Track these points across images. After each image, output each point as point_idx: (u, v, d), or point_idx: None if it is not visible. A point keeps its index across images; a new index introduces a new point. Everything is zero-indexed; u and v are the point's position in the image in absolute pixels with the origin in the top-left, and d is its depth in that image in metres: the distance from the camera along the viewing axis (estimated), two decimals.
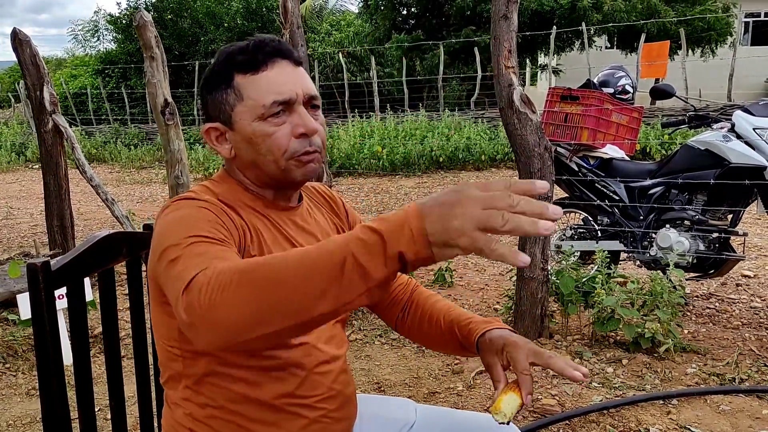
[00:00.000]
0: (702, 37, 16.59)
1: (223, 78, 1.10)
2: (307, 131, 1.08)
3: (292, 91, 1.08)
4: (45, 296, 1.06)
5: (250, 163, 1.11)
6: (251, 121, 1.07)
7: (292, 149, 1.08)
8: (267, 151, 1.08)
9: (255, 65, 1.08)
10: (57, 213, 4.73)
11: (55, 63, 30.26)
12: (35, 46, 4.63)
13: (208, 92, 1.13)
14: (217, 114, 1.12)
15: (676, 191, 3.58)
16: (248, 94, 1.08)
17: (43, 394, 1.09)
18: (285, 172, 1.10)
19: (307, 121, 1.09)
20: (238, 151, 1.11)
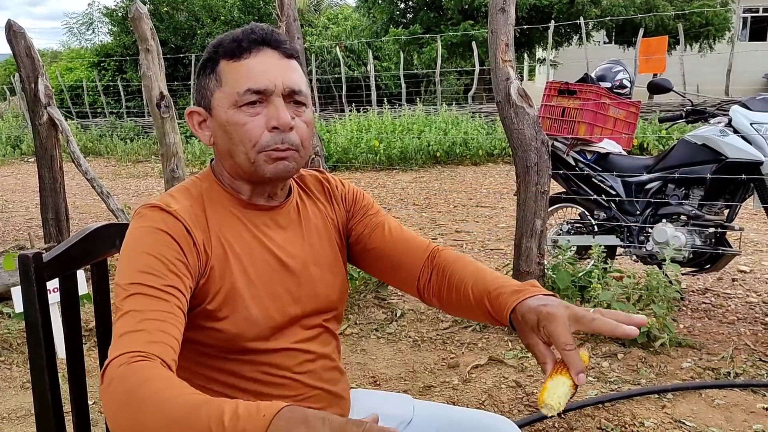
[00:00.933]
0: (700, 32, 16.60)
1: (210, 63, 1.08)
2: (279, 125, 1.04)
3: (270, 82, 1.04)
4: (37, 288, 1.05)
5: (225, 152, 1.08)
6: (227, 109, 1.05)
7: (263, 142, 1.04)
8: (239, 141, 1.05)
9: (239, 52, 1.06)
10: (52, 206, 4.72)
11: (50, 56, 30.12)
12: (30, 38, 4.60)
13: (198, 76, 1.12)
14: (200, 98, 1.10)
15: (673, 186, 3.58)
16: (227, 80, 1.05)
17: (35, 387, 1.08)
18: (254, 166, 1.06)
19: (282, 114, 1.04)
20: (215, 138, 1.09)
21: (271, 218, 1.14)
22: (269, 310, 1.10)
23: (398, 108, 12.86)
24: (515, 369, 2.83)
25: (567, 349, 0.89)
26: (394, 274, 1.24)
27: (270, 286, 1.11)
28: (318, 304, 1.17)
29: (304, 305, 1.15)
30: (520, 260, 3.18)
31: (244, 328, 1.06)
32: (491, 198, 7.41)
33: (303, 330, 1.14)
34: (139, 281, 0.94)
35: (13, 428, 2.51)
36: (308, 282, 1.16)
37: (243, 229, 1.10)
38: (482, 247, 5.24)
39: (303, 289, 1.15)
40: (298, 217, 1.19)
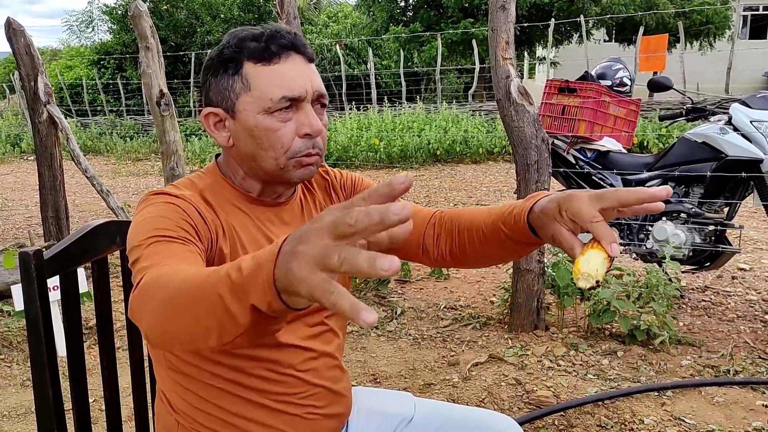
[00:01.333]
0: (700, 30, 16.59)
1: (232, 63, 1.05)
2: (312, 132, 1.04)
3: (302, 88, 1.04)
4: (38, 285, 1.05)
5: (247, 156, 1.07)
6: (256, 114, 1.03)
7: (295, 148, 1.04)
8: (269, 147, 1.04)
9: (268, 56, 1.03)
10: (52, 204, 4.72)
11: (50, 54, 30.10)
12: (29, 36, 4.60)
13: (212, 75, 1.07)
14: (219, 99, 1.07)
15: (673, 184, 3.58)
16: (257, 84, 1.03)
17: (36, 385, 1.08)
18: (283, 171, 1.06)
19: (314, 121, 1.05)
20: (236, 141, 1.07)
21: (275, 214, 1.14)
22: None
23: (398, 106, 12.85)
24: (515, 367, 2.83)
25: (595, 221, 0.85)
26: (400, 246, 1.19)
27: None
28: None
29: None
30: (520, 258, 3.18)
31: None
32: (491, 196, 7.41)
33: (306, 327, 1.14)
34: (156, 233, 0.94)
35: (13, 426, 2.51)
36: None
37: (249, 222, 1.10)
38: None
39: None
40: (302, 213, 1.19)
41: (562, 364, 2.86)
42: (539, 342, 3.08)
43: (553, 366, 2.84)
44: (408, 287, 4.10)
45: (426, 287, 4.10)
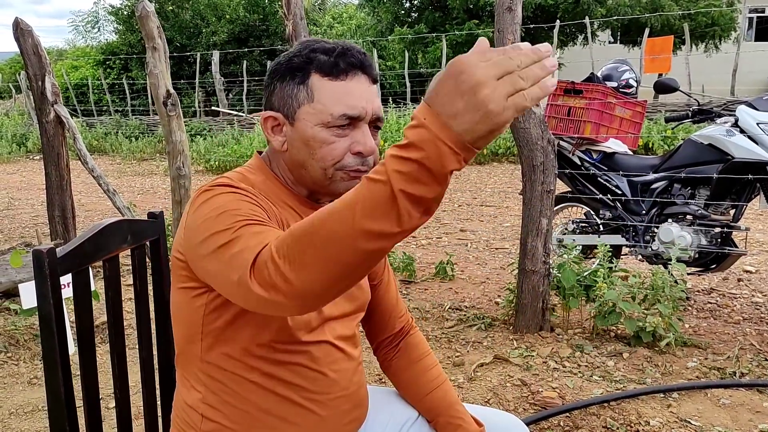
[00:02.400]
0: (706, 32, 16.55)
1: (300, 72, 1.07)
2: (365, 151, 1.06)
3: (363, 109, 1.06)
4: (51, 283, 1.06)
5: (298, 163, 1.09)
6: (314, 125, 1.05)
7: (345, 163, 1.06)
8: (320, 158, 1.06)
9: (336, 71, 1.05)
10: (58, 204, 4.73)
11: (56, 54, 30.20)
12: (37, 36, 4.62)
13: (279, 80, 1.09)
14: (281, 105, 1.09)
15: (679, 186, 3.58)
16: (320, 97, 1.05)
17: (48, 382, 1.09)
18: (330, 181, 1.08)
19: (368, 141, 1.06)
20: (290, 147, 1.09)
21: None
22: None
23: (403, 107, 12.85)
24: (520, 368, 2.84)
25: None
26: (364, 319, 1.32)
27: None
28: (358, 304, 1.21)
29: (348, 302, 1.18)
30: (525, 259, 3.19)
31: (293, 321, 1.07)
32: (496, 197, 7.41)
33: (341, 327, 1.17)
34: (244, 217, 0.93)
35: (20, 424, 2.53)
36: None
37: (297, 218, 1.11)
38: (487, 246, 5.25)
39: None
40: None
41: (568, 365, 2.86)
42: (544, 343, 3.08)
43: (558, 367, 2.84)
44: (413, 288, 4.10)
45: (431, 288, 4.11)
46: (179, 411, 1.16)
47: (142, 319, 1.36)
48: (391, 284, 1.35)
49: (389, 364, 1.34)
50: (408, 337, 1.34)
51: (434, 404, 1.27)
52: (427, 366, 1.31)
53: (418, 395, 1.29)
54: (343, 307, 1.17)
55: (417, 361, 1.31)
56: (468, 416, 1.25)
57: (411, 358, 1.32)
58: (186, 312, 1.09)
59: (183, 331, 1.11)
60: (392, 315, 1.33)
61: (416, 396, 1.30)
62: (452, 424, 1.24)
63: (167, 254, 1.44)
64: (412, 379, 1.30)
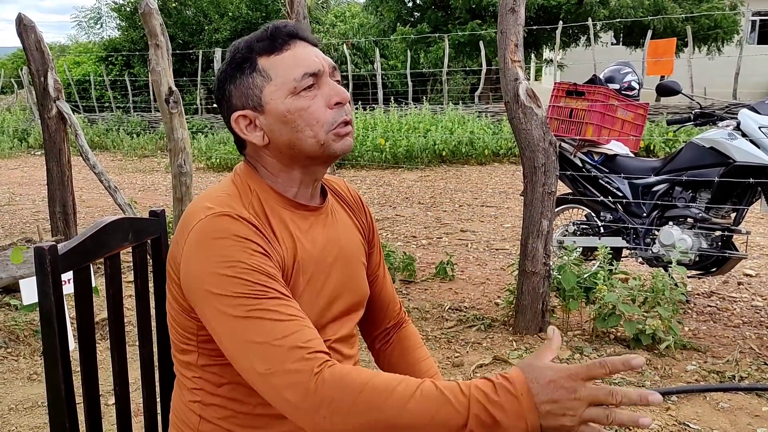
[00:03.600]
0: (708, 34, 16.54)
1: (246, 63, 1.08)
2: (341, 99, 1.08)
3: (319, 63, 1.08)
4: (52, 279, 1.06)
5: (285, 145, 1.08)
6: (284, 99, 1.06)
7: (330, 120, 1.07)
8: (305, 126, 1.06)
9: (278, 45, 1.07)
10: (59, 200, 4.74)
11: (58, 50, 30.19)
12: (40, 32, 4.62)
13: (230, 82, 1.10)
14: (244, 101, 1.09)
15: (680, 189, 3.58)
16: (276, 72, 1.06)
17: (48, 378, 1.09)
18: (324, 147, 1.07)
19: (339, 89, 1.08)
20: (271, 134, 1.08)
21: (316, 218, 1.16)
22: (320, 306, 1.13)
23: (404, 106, 12.85)
24: None
25: None
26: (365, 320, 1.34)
27: (324, 281, 1.14)
28: (356, 301, 1.21)
29: (347, 301, 1.19)
30: (526, 260, 3.19)
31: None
32: (497, 198, 7.41)
33: (341, 328, 1.17)
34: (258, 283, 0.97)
35: (20, 419, 2.53)
36: (353, 279, 1.20)
37: (297, 229, 1.11)
38: (487, 246, 5.25)
39: (350, 286, 1.19)
40: (335, 218, 1.21)
41: None
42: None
43: None
44: (413, 288, 4.11)
45: (431, 288, 4.11)
46: (177, 411, 1.16)
47: (143, 316, 1.36)
48: (387, 279, 1.36)
49: (382, 357, 1.36)
50: (401, 330, 1.36)
51: None
52: (419, 358, 1.33)
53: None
54: (345, 303, 1.18)
55: (409, 353, 1.33)
56: None
57: (404, 349, 1.33)
58: (181, 326, 1.09)
59: (179, 338, 1.11)
60: (388, 309, 1.35)
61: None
62: None
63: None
64: (404, 371, 1.30)
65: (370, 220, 1.33)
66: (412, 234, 5.75)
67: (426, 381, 0.89)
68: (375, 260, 1.33)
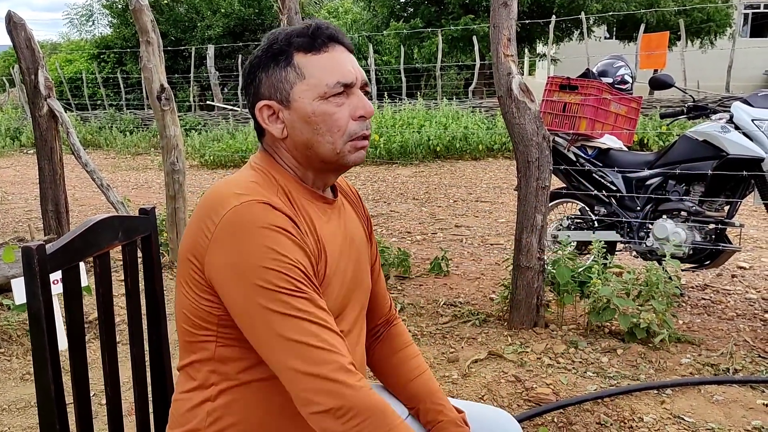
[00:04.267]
0: (701, 28, 16.57)
1: (283, 56, 1.08)
2: (366, 114, 1.09)
3: (353, 74, 1.09)
4: (40, 279, 1.05)
5: (303, 144, 1.09)
6: (312, 100, 1.06)
7: (351, 131, 1.08)
8: (326, 131, 1.07)
9: (317, 45, 1.08)
10: (52, 198, 4.71)
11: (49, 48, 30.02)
12: (30, 30, 4.58)
13: (263, 70, 1.10)
14: (272, 92, 1.09)
15: (674, 182, 3.58)
16: (311, 72, 1.07)
17: (37, 378, 1.08)
18: (339, 156, 1.09)
19: (366, 104, 1.10)
20: (291, 130, 1.09)
21: (333, 211, 1.18)
22: (342, 296, 1.15)
23: (398, 102, 12.83)
24: (514, 363, 2.84)
25: None
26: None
27: (343, 273, 1.15)
28: (363, 294, 1.24)
29: (358, 294, 1.21)
30: (520, 255, 3.18)
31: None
32: (491, 193, 7.41)
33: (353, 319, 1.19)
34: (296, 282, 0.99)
35: (13, 419, 2.51)
36: (364, 270, 1.23)
37: (321, 219, 1.13)
38: (482, 241, 5.25)
39: (362, 276, 1.22)
40: (345, 212, 1.23)
41: (562, 361, 2.86)
42: (539, 339, 3.09)
43: (552, 363, 2.84)
44: (407, 283, 4.10)
45: (425, 283, 4.11)
46: (181, 409, 1.13)
47: (134, 315, 1.35)
48: (381, 276, 1.36)
49: (372, 354, 1.35)
50: (391, 328, 1.36)
51: (416, 392, 1.28)
52: (409, 355, 1.32)
53: (400, 383, 1.30)
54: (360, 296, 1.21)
55: (399, 351, 1.33)
56: (449, 404, 1.26)
57: (393, 347, 1.33)
58: (197, 309, 1.07)
59: (194, 330, 1.09)
60: (379, 306, 1.35)
61: (398, 384, 1.30)
62: (433, 410, 1.25)
63: (159, 250, 1.43)
64: (395, 368, 1.31)
65: (367, 214, 1.34)
66: (406, 230, 5.74)
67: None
68: (372, 255, 1.34)
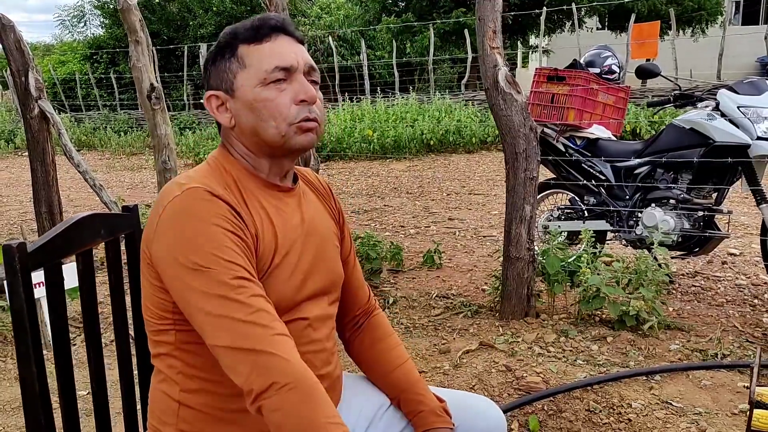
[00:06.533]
0: (693, 16, 16.57)
1: (228, 49, 1.13)
2: (308, 98, 1.10)
3: (293, 59, 1.11)
4: (21, 277, 1.07)
5: (249, 131, 1.12)
6: (253, 87, 1.09)
7: (293, 115, 1.10)
8: (268, 116, 1.09)
9: (259, 36, 1.11)
10: (45, 200, 4.71)
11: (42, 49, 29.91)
12: (19, 32, 4.58)
13: (211, 64, 1.15)
14: (219, 83, 1.14)
15: (662, 170, 3.60)
16: (251, 61, 1.10)
17: (22, 376, 1.10)
18: (285, 139, 1.10)
19: (308, 88, 1.11)
20: (237, 119, 1.12)
21: (290, 198, 1.19)
22: (296, 282, 1.15)
23: (391, 97, 12.83)
24: (505, 354, 2.86)
25: None
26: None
27: (299, 257, 1.16)
28: (332, 281, 1.24)
29: (323, 279, 1.21)
30: (510, 246, 3.21)
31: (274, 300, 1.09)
32: (484, 185, 7.43)
33: (315, 307, 1.19)
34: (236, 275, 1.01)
35: (8, 420, 2.53)
36: (327, 258, 1.23)
37: (272, 208, 1.15)
38: (475, 234, 5.27)
39: (324, 265, 1.22)
40: (307, 199, 1.24)
41: (552, 350, 2.88)
42: (530, 329, 3.11)
43: (543, 352, 2.87)
44: (400, 277, 4.12)
45: (418, 276, 4.13)
46: (156, 403, 1.17)
47: (118, 311, 1.37)
48: (357, 267, 1.38)
49: (353, 344, 1.37)
50: (371, 318, 1.37)
51: (397, 382, 1.30)
52: (390, 345, 1.34)
53: (382, 373, 1.32)
54: (320, 281, 1.20)
55: (380, 341, 1.34)
56: (429, 393, 1.28)
57: (374, 337, 1.35)
58: (156, 303, 1.11)
59: (154, 323, 1.13)
60: (357, 296, 1.37)
61: (380, 374, 1.32)
62: (414, 400, 1.27)
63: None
64: (376, 358, 1.33)
65: (339, 207, 1.36)
66: (400, 224, 5.76)
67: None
68: (346, 247, 1.35)
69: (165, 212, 1.04)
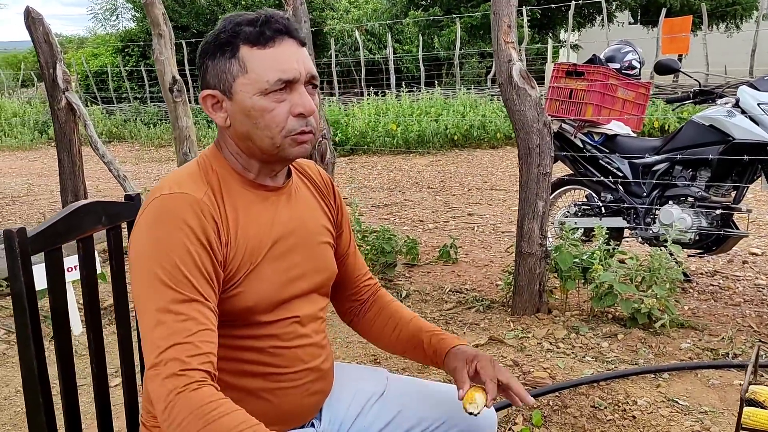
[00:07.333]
0: (727, 11, 16.22)
1: (228, 47, 1.10)
2: (306, 112, 1.10)
3: (296, 71, 1.09)
4: (21, 261, 1.12)
5: (243, 135, 1.12)
6: (252, 95, 1.08)
7: (289, 127, 1.10)
8: (264, 126, 1.09)
9: (263, 39, 1.09)
10: (71, 189, 4.83)
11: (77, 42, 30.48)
12: (48, 24, 4.69)
13: (209, 58, 1.12)
14: (216, 82, 1.12)
15: (680, 167, 3.56)
16: (253, 67, 1.08)
17: (21, 356, 1.14)
18: (279, 149, 1.11)
19: (306, 101, 1.10)
20: (233, 121, 1.12)
21: (277, 197, 1.20)
22: (280, 281, 1.17)
23: (417, 91, 12.81)
24: (514, 348, 2.87)
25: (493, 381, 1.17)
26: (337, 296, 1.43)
27: (286, 257, 1.18)
28: (319, 279, 1.25)
29: (312, 278, 1.23)
30: (522, 241, 3.20)
31: (255, 300, 1.13)
32: (506, 181, 7.40)
33: (303, 306, 1.21)
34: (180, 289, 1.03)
35: None
36: (316, 256, 1.24)
37: (255, 208, 1.16)
38: (493, 229, 5.26)
39: (312, 263, 1.23)
40: (297, 197, 1.25)
41: (562, 346, 2.88)
42: (541, 325, 3.11)
43: (552, 348, 2.86)
44: (415, 271, 4.14)
45: (433, 271, 4.14)
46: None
47: (119, 297, 1.41)
48: (357, 255, 1.41)
49: (360, 321, 1.42)
50: (377, 297, 1.42)
51: (413, 330, 1.34)
52: (399, 308, 1.40)
53: (396, 330, 1.36)
54: (310, 280, 1.22)
55: (388, 306, 1.40)
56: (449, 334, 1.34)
57: (381, 305, 1.41)
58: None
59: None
60: (359, 281, 1.41)
61: (394, 331, 1.37)
62: (436, 335, 1.32)
63: None
64: (387, 320, 1.38)
65: (339, 203, 1.36)
66: (419, 218, 5.77)
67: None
68: (345, 241, 1.37)
69: (144, 213, 1.08)
